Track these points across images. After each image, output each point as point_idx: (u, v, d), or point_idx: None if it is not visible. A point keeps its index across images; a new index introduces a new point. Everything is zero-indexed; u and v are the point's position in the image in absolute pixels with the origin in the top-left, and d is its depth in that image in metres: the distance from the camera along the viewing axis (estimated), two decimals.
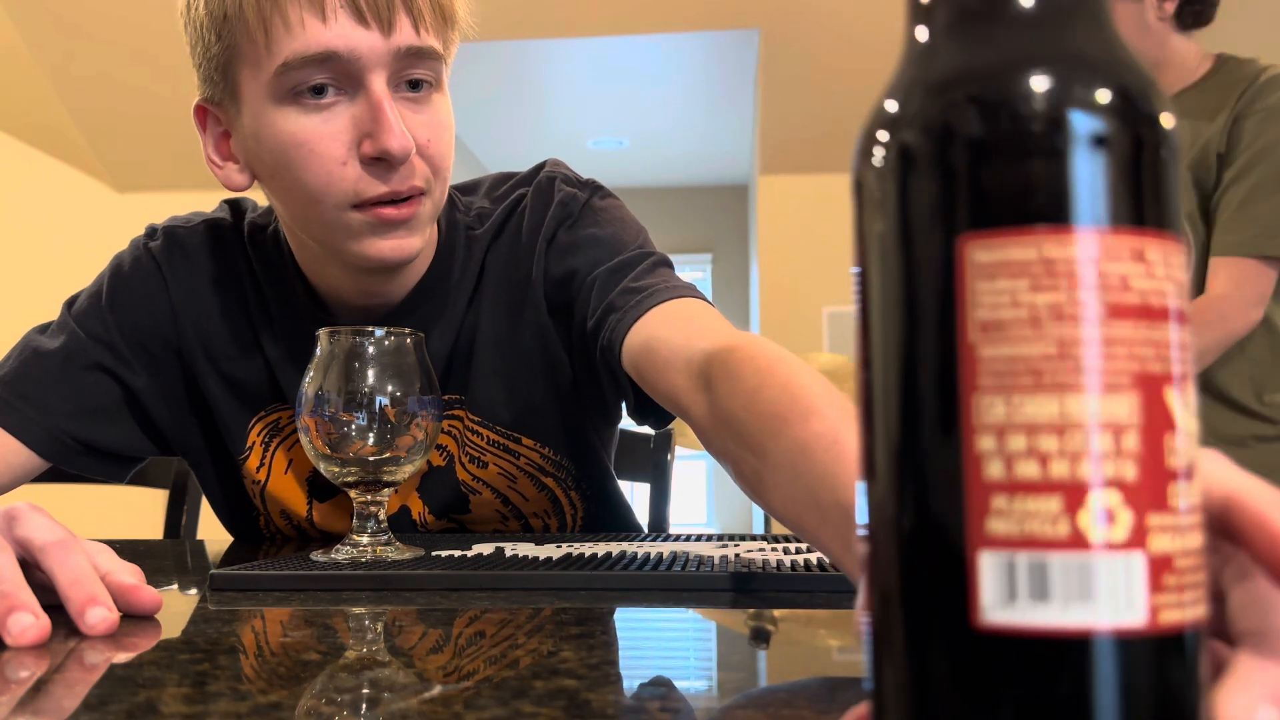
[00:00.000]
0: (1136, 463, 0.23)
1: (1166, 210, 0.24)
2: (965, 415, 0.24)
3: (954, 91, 0.24)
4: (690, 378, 0.71)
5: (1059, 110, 0.23)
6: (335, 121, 0.77)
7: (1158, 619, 0.23)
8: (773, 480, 0.55)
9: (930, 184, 0.24)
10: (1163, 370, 0.24)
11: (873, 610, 0.26)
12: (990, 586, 0.23)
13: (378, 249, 0.81)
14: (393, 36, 0.76)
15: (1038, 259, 0.23)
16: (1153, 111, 0.24)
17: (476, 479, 0.94)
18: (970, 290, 0.24)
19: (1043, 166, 0.23)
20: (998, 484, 0.23)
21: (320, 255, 0.87)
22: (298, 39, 0.75)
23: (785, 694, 0.38)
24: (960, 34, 0.25)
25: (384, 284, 0.88)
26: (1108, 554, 0.23)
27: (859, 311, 0.26)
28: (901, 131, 0.25)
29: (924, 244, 0.24)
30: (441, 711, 0.34)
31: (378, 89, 0.76)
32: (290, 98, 0.77)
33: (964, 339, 0.24)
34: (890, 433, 0.25)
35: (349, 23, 0.75)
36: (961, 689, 0.24)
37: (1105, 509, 0.23)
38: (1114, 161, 0.23)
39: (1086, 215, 0.23)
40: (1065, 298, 0.23)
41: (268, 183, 0.83)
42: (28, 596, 0.48)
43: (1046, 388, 0.23)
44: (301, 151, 0.78)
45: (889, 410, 0.25)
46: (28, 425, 0.88)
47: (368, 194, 0.78)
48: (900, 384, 0.25)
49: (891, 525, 0.25)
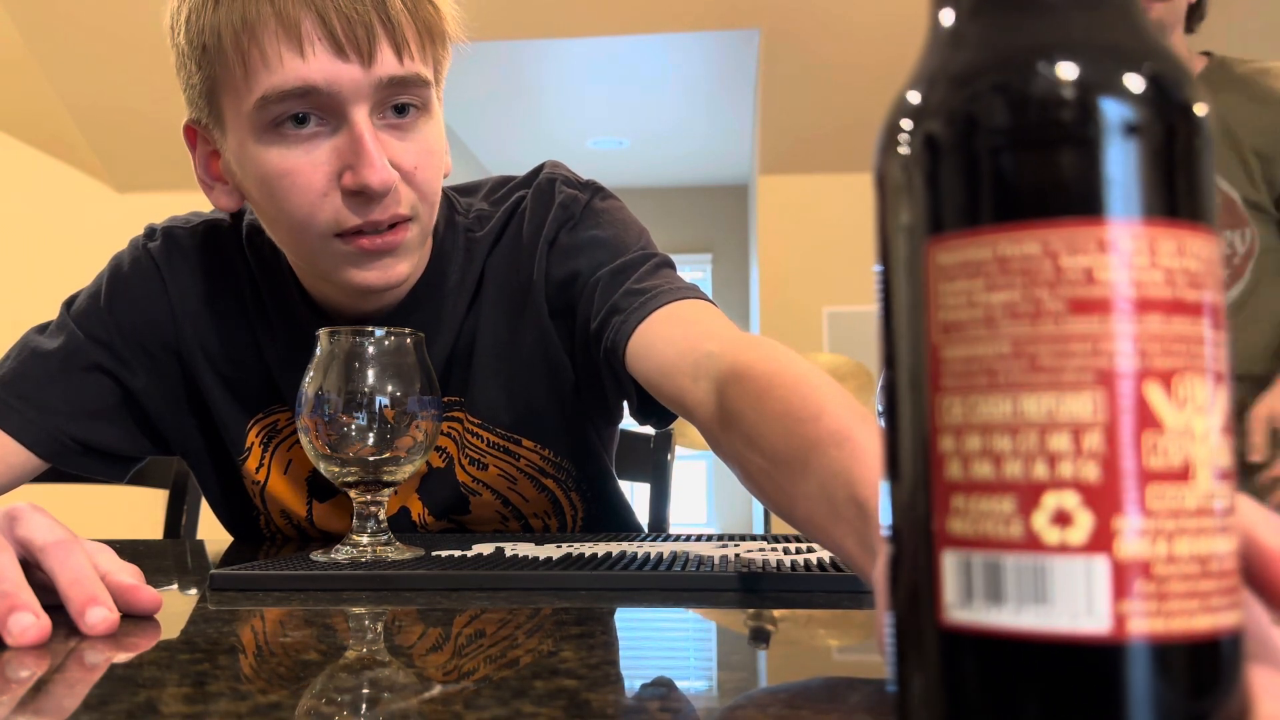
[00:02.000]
0: (1099, 463, 0.22)
1: (1198, 200, 0.23)
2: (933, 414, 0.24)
3: (980, 80, 0.23)
4: (696, 380, 0.70)
5: (1090, 98, 0.22)
6: (317, 153, 0.77)
7: (1125, 627, 0.22)
8: (782, 479, 0.54)
9: (955, 175, 0.24)
10: (1143, 366, 0.22)
11: (894, 601, 0.26)
12: (951, 586, 0.23)
13: (363, 277, 0.80)
14: (374, 68, 0.75)
15: (993, 257, 0.23)
16: (1186, 100, 0.23)
17: (476, 480, 0.94)
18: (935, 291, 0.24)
19: (1070, 156, 0.22)
20: (957, 484, 0.23)
21: (313, 272, 0.87)
22: (275, 73, 0.74)
23: (785, 694, 0.38)
24: (987, 20, 0.25)
25: (376, 300, 0.88)
26: (1064, 557, 0.22)
27: (881, 308, 0.26)
28: (926, 122, 0.24)
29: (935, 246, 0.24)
30: (441, 711, 0.34)
31: (359, 121, 0.75)
32: (271, 129, 0.76)
33: None
34: (900, 432, 0.25)
35: (327, 56, 0.74)
36: (933, 688, 0.24)
37: (1060, 510, 0.22)
38: (1147, 151, 0.23)
39: (1117, 207, 0.22)
40: (1020, 295, 0.23)
41: (255, 206, 0.84)
42: (28, 596, 0.48)
43: (1000, 387, 0.23)
44: (284, 183, 0.77)
45: (909, 408, 0.25)
46: (26, 426, 0.88)
47: (348, 224, 0.78)
48: (911, 383, 0.24)
49: (898, 523, 0.25)
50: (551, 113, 5.03)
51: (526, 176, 0.97)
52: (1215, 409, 0.23)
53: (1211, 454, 0.23)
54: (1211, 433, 0.23)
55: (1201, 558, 0.23)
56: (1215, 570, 0.23)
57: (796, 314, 4.36)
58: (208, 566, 0.83)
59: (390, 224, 0.79)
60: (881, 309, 0.26)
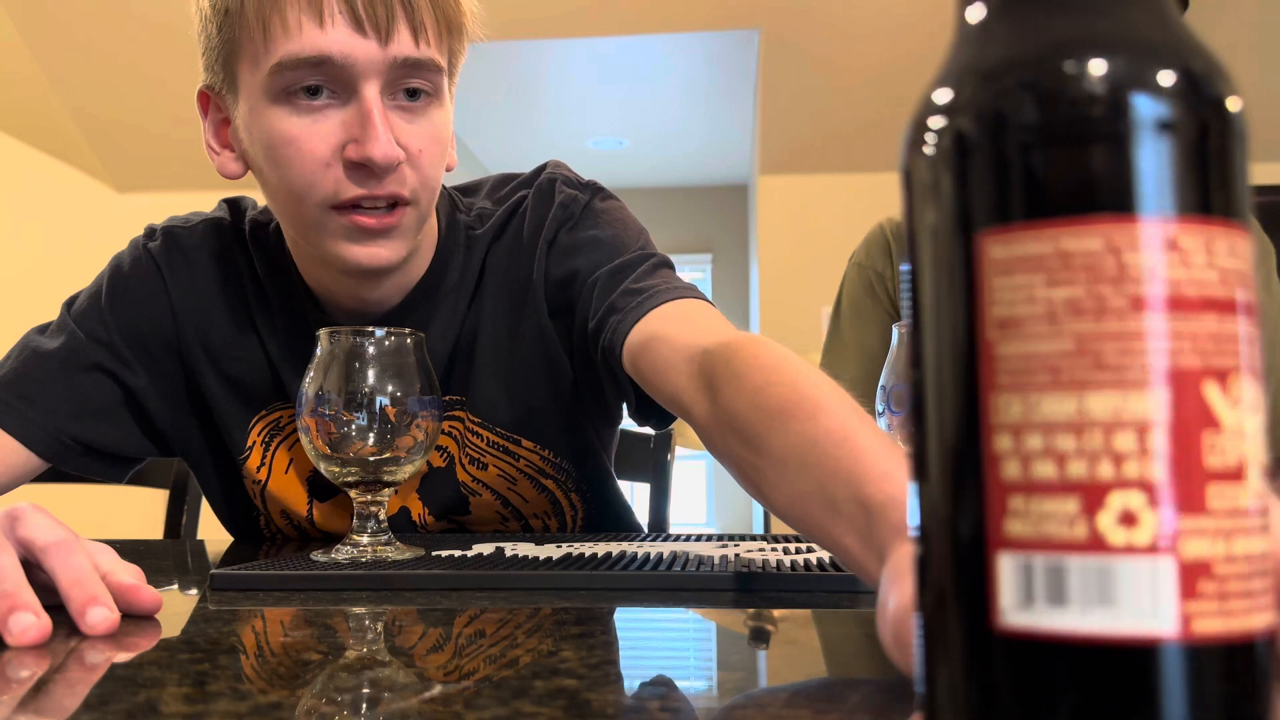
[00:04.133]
0: (1165, 462, 0.22)
1: (1233, 198, 0.23)
2: (985, 413, 0.23)
3: (1009, 77, 0.23)
4: (692, 378, 0.70)
5: (1121, 94, 0.22)
6: (324, 123, 0.78)
7: (1190, 627, 0.22)
8: (778, 477, 0.54)
9: (984, 172, 0.23)
10: (1202, 365, 0.22)
11: (923, 609, 0.25)
12: (1009, 589, 0.23)
13: (353, 254, 0.81)
14: (390, 46, 0.76)
15: (1054, 251, 0.23)
16: (1219, 95, 0.23)
17: (476, 480, 0.94)
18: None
19: (1102, 153, 0.22)
20: (1016, 484, 0.23)
21: (311, 255, 0.87)
22: (294, 40, 0.75)
23: (785, 694, 0.38)
24: (1015, 16, 0.24)
25: (374, 288, 0.88)
26: (1130, 557, 0.22)
27: (911, 308, 0.25)
28: (955, 119, 0.24)
29: (974, 244, 0.23)
30: (441, 711, 0.34)
31: (369, 96, 0.77)
32: (284, 96, 0.78)
33: None
34: (942, 431, 0.24)
35: (346, 29, 0.75)
36: (985, 692, 0.23)
37: (1126, 510, 0.22)
38: (1179, 148, 0.22)
39: (1150, 204, 0.22)
40: (1084, 291, 0.22)
41: (258, 174, 0.84)
42: (29, 596, 0.48)
43: (1064, 385, 0.23)
44: (289, 150, 0.78)
45: (942, 409, 0.24)
46: (27, 426, 0.88)
47: (346, 194, 0.78)
48: (956, 381, 0.24)
49: (941, 525, 0.25)
50: (551, 113, 5.03)
51: (528, 176, 0.97)
52: (1259, 408, 0.23)
53: (1258, 453, 0.23)
54: (1258, 432, 0.23)
55: (1253, 557, 0.23)
56: (1261, 569, 0.23)
57: (796, 314, 4.35)
58: (208, 566, 0.83)
59: (389, 204, 0.80)
60: (913, 307, 0.25)
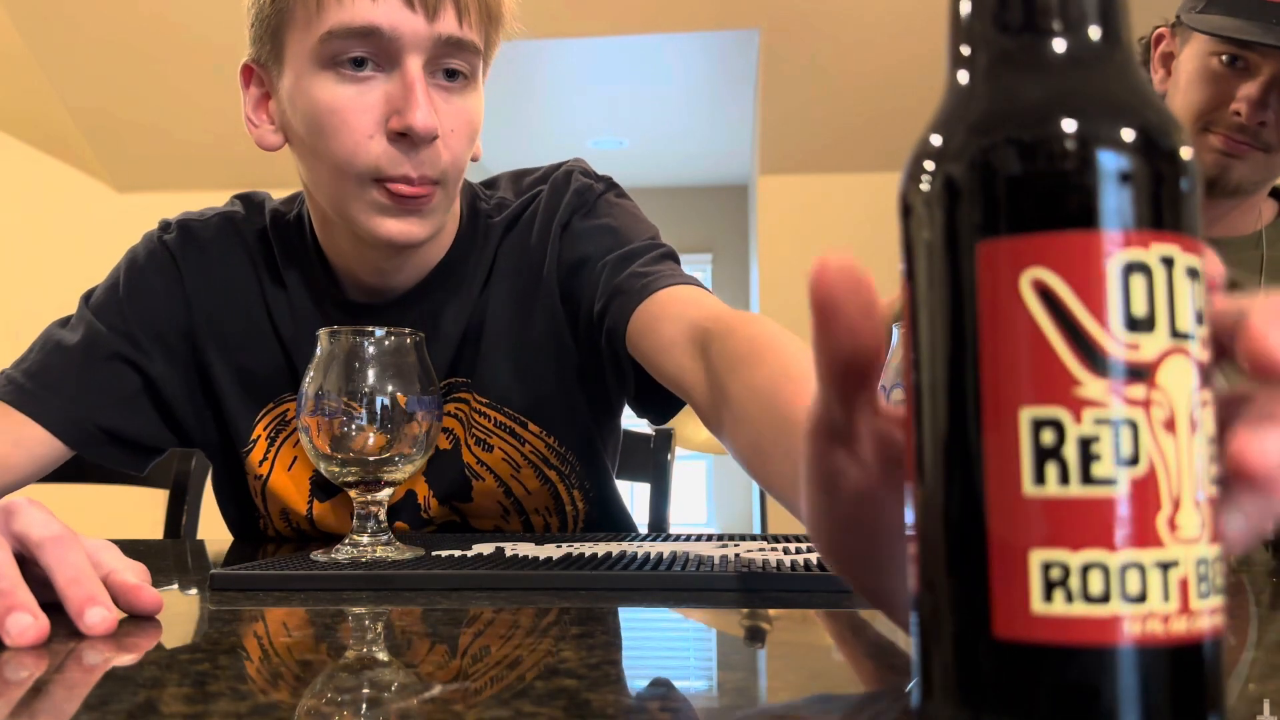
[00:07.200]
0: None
1: (1186, 233, 0.26)
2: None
3: (994, 132, 0.26)
4: (694, 358, 0.72)
5: (1088, 150, 0.25)
6: (369, 95, 0.80)
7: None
8: (774, 457, 0.55)
9: (970, 212, 0.26)
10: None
11: (920, 604, 0.27)
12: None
13: (386, 228, 0.83)
14: (436, 23, 0.79)
15: None
16: (1172, 146, 0.26)
17: (481, 463, 0.95)
18: None
19: (1073, 198, 0.25)
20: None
21: (338, 229, 0.88)
22: (345, 10, 0.78)
23: (785, 694, 0.38)
24: (997, 78, 0.27)
25: (399, 266, 0.90)
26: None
27: (909, 320, 0.27)
28: (946, 164, 0.27)
29: (966, 263, 0.26)
30: (441, 712, 0.34)
31: (413, 69, 0.79)
32: (330, 65, 0.80)
33: None
34: (942, 433, 0.26)
35: (397, 3, 0.78)
36: (1008, 688, 0.24)
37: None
38: (1138, 192, 0.25)
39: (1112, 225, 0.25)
40: None
41: (298, 146, 0.86)
42: (26, 596, 0.47)
43: None
44: (334, 120, 0.80)
45: (941, 412, 0.26)
46: (52, 413, 0.89)
47: (387, 171, 0.80)
48: (951, 385, 0.26)
49: (941, 523, 0.26)
50: (551, 113, 5.03)
51: (548, 169, 1.00)
52: None
53: None
54: None
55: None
56: None
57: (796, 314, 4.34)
58: (208, 566, 0.83)
59: (425, 181, 0.82)
60: (914, 320, 0.27)
